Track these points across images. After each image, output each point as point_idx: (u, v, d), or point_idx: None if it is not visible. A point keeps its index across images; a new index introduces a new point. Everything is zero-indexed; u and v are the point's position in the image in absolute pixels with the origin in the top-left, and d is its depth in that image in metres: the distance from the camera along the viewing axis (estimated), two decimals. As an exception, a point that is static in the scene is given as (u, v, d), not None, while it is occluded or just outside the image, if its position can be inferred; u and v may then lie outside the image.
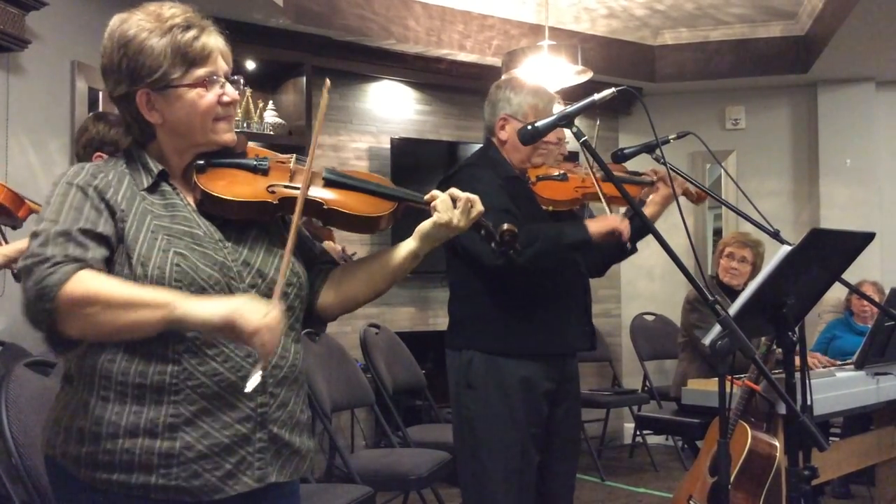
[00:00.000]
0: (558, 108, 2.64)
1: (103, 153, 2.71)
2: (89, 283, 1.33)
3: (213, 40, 1.51)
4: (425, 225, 1.62)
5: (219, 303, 1.34)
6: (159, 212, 1.48)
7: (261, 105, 4.86)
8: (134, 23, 1.48)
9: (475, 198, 1.60)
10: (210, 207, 1.53)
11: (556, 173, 2.66)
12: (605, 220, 2.50)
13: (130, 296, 1.34)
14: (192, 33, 1.48)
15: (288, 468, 1.55)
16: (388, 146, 5.38)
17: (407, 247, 1.64)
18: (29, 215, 2.74)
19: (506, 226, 1.64)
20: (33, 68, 3.43)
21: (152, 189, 1.50)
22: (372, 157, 5.45)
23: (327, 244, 3.60)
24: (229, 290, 1.47)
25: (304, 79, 4.90)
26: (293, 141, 4.86)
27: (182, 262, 1.44)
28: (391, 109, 5.58)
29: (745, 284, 4.26)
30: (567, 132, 2.32)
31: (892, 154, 6.20)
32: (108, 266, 1.42)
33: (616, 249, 2.61)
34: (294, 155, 1.65)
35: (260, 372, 1.36)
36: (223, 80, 1.52)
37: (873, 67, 5.84)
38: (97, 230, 1.41)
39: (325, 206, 1.58)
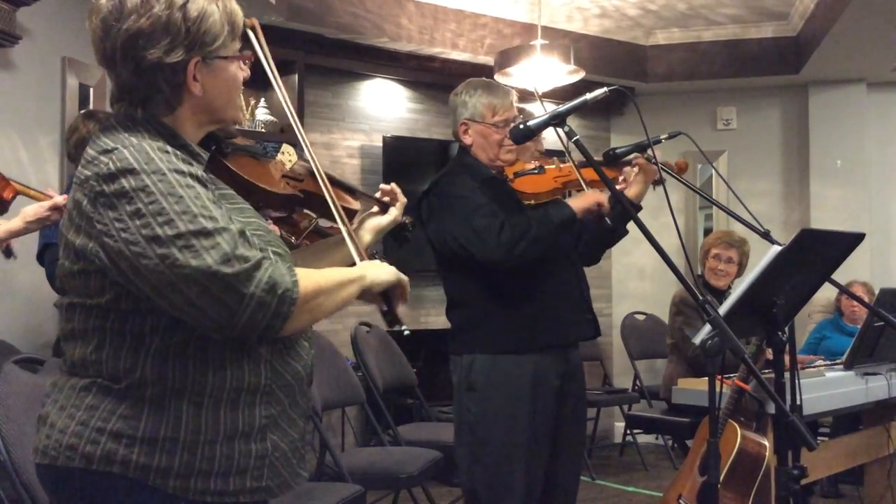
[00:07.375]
0: (516, 101, 2.68)
1: None
2: (306, 276, 1.35)
3: (242, 14, 1.45)
4: (383, 221, 1.79)
5: (384, 267, 1.50)
6: (222, 201, 1.36)
7: (252, 102, 4.84)
8: None
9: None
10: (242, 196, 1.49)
11: (532, 167, 2.66)
12: (585, 196, 2.52)
13: (339, 278, 1.43)
14: (233, 2, 1.41)
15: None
16: (381, 144, 5.37)
17: (364, 240, 1.76)
18: (15, 197, 2.58)
19: (407, 218, 1.88)
20: (24, 64, 3.42)
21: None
22: (364, 155, 5.44)
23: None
24: None
25: (297, 76, 4.88)
26: (285, 139, 4.84)
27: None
28: (383, 108, 5.57)
29: (732, 284, 4.26)
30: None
31: (882, 155, 6.22)
32: None
33: (605, 233, 2.66)
34: (281, 144, 1.66)
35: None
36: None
37: (864, 68, 5.86)
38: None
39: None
